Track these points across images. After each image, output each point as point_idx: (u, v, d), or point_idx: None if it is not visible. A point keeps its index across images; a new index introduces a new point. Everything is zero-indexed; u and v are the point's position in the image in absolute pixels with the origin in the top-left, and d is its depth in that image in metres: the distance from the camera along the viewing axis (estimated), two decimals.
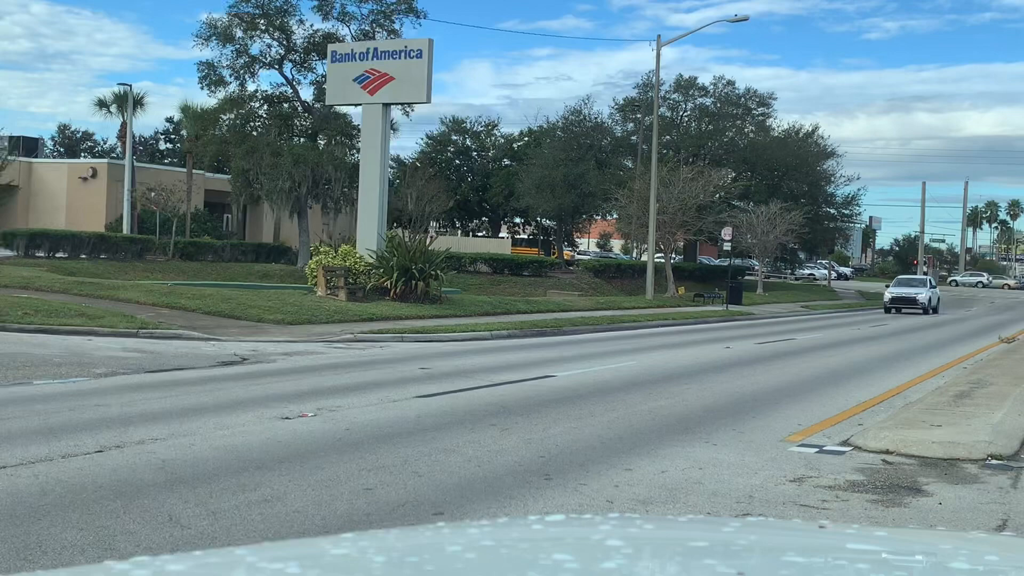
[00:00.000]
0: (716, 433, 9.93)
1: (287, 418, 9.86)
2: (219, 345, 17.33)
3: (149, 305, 22.42)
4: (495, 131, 77.24)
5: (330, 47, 29.83)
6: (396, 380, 13.32)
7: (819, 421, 11.09)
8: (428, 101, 27.60)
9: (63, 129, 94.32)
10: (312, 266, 28.07)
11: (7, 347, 14.93)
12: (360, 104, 28.73)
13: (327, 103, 33.24)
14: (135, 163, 53.10)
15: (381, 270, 26.89)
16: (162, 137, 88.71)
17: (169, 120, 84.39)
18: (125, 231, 46.46)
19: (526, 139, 72.52)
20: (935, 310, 43.13)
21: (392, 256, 26.79)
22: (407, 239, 28.44)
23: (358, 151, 32.98)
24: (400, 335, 20.31)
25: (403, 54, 27.30)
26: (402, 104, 33.05)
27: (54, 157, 75.16)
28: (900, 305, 42.50)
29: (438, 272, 27.34)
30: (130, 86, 52.37)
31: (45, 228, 37.90)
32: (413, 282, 26.53)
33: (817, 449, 9.30)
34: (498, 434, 9.38)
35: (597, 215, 66.47)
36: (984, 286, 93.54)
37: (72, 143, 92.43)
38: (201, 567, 1.62)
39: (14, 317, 18.31)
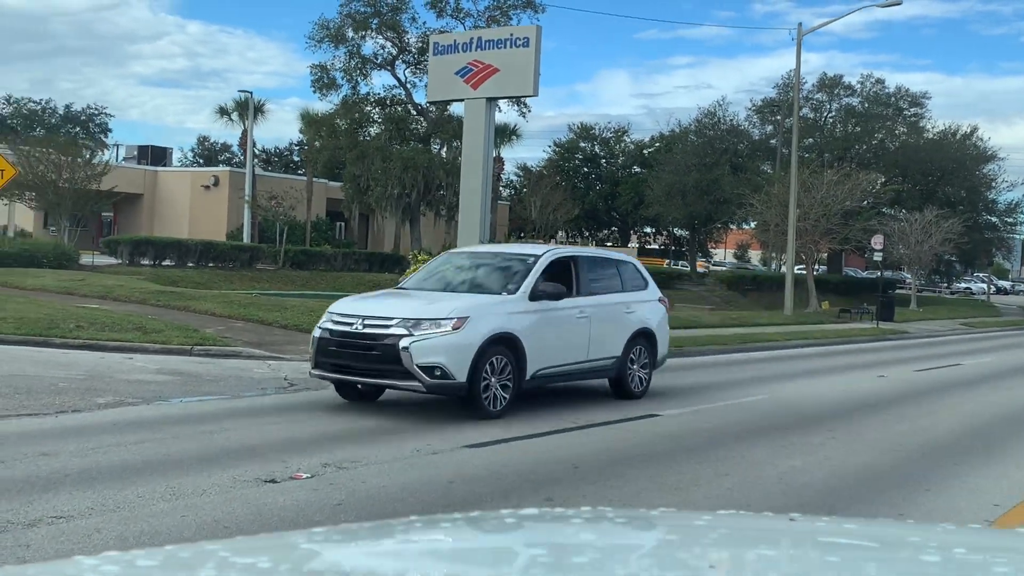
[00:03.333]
0: None
1: (272, 481, 7.28)
2: (275, 366, 15.03)
3: (224, 317, 20.48)
4: (625, 137, 74.21)
5: (432, 38, 27.37)
6: (456, 419, 10.63)
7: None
8: (535, 94, 24.81)
9: (202, 140, 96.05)
10: (407, 276, 25.73)
11: (19, 367, 12.92)
12: (463, 99, 26.19)
13: (428, 99, 31.03)
14: (257, 172, 52.53)
15: None
16: (296, 148, 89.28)
17: (303, 131, 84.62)
18: (245, 239, 45.53)
19: (657, 145, 69.18)
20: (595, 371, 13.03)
21: None
22: None
23: None
24: None
25: (509, 43, 24.60)
26: (507, 98, 30.41)
27: (194, 168, 76.06)
28: (339, 367, 10.83)
29: None
30: (251, 93, 51.78)
31: (149, 235, 36.97)
32: None
33: None
34: None
35: (732, 223, 62.59)
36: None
37: (210, 154, 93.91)
38: (172, 562, 1.57)
39: (63, 331, 16.50)
